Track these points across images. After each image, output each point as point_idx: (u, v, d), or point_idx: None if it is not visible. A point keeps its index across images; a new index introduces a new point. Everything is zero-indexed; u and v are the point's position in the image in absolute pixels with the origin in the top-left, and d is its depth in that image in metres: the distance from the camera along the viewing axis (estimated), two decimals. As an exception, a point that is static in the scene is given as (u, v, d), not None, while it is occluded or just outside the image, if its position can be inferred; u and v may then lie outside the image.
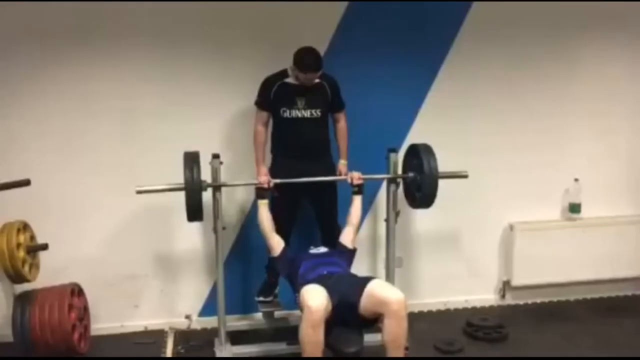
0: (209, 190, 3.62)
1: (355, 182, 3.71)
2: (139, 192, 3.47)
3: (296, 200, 3.86)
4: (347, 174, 3.85)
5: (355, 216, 3.76)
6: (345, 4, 4.08)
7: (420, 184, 3.66)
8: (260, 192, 3.65)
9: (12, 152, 3.90)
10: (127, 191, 3.98)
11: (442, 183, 3.85)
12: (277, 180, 3.65)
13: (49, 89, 3.89)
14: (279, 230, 3.70)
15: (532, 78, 4.41)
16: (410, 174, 3.76)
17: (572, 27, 4.40)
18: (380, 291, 3.16)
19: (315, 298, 3.05)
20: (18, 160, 3.88)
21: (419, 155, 3.66)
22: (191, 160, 3.44)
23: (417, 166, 3.70)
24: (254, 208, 4.11)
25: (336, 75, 3.85)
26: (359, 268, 3.85)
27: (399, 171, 3.87)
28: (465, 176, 3.84)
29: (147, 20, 3.92)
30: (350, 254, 3.71)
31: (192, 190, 3.38)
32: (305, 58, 3.60)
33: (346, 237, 3.72)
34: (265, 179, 3.62)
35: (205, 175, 3.51)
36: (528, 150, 4.46)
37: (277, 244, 3.62)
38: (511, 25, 4.30)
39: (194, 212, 3.42)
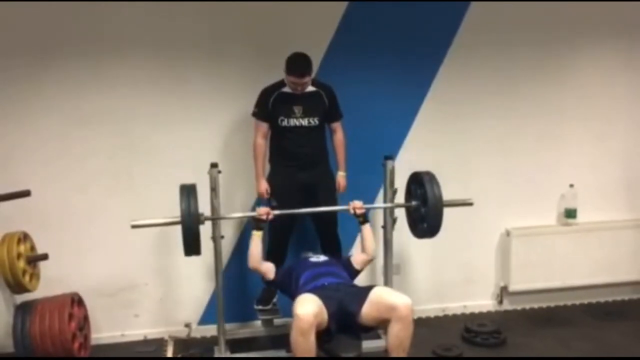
0: (207, 197, 3.64)
1: (358, 212, 3.64)
2: (134, 227, 3.27)
3: (294, 208, 3.86)
4: (345, 188, 3.92)
5: (369, 247, 3.68)
6: (343, 9, 4.11)
7: (425, 213, 3.51)
8: (258, 223, 3.58)
9: (12, 163, 3.92)
10: (126, 200, 4.04)
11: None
12: (277, 212, 3.58)
13: (47, 100, 3.92)
14: (277, 240, 3.72)
15: (528, 83, 4.44)
16: (414, 203, 3.62)
17: (569, 32, 4.44)
18: (387, 297, 3.17)
19: (304, 306, 3.05)
20: (18, 171, 3.90)
21: (423, 184, 3.50)
22: (187, 193, 3.25)
23: (420, 195, 3.55)
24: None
25: (334, 81, 3.88)
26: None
27: (396, 180, 3.89)
28: (470, 204, 3.69)
29: (145, 30, 3.96)
30: (354, 272, 3.69)
31: (189, 224, 3.17)
32: (293, 61, 3.64)
33: (356, 259, 3.70)
34: (264, 210, 3.55)
35: (201, 186, 3.48)
36: (524, 155, 4.50)
37: (268, 269, 3.62)
38: (508, 30, 4.34)
39: (192, 246, 3.23)
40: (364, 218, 3.68)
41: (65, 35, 3.88)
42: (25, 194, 3.63)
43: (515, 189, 4.50)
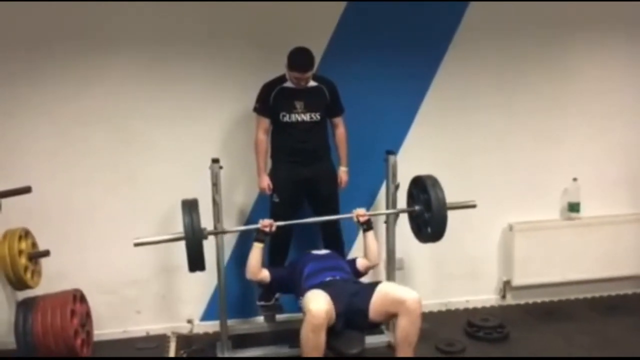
0: (209, 196, 3.63)
1: (361, 219, 3.63)
2: (136, 245, 3.26)
3: (296, 205, 3.86)
4: (347, 183, 3.90)
5: (372, 254, 3.68)
6: (343, 6, 4.09)
7: (429, 218, 3.49)
8: (260, 235, 3.54)
9: (12, 160, 3.90)
10: (127, 196, 4.03)
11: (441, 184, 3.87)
12: (280, 223, 3.55)
13: (47, 97, 3.90)
14: (280, 235, 3.71)
15: (530, 78, 4.42)
16: (417, 207, 3.58)
17: (570, 27, 4.41)
18: (395, 292, 3.19)
19: (317, 302, 3.06)
20: (18, 167, 3.88)
21: (426, 188, 3.47)
22: (190, 208, 3.22)
23: (424, 200, 3.52)
24: (254, 212, 4.13)
25: (334, 77, 3.86)
26: (360, 270, 3.87)
27: (399, 175, 3.87)
28: (474, 206, 3.65)
29: (144, 26, 3.94)
30: (358, 273, 3.68)
31: (193, 240, 3.15)
32: (295, 57, 3.61)
33: (361, 263, 3.70)
34: (268, 221, 3.53)
35: (203, 184, 3.46)
36: (527, 150, 4.48)
37: (264, 275, 3.60)
38: (508, 25, 4.32)
39: (196, 262, 3.20)
40: (367, 225, 3.65)
41: (65, 33, 3.86)
42: (26, 190, 3.61)
43: (518, 183, 4.49)
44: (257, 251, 3.55)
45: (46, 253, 3.70)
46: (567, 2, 4.32)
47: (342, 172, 3.91)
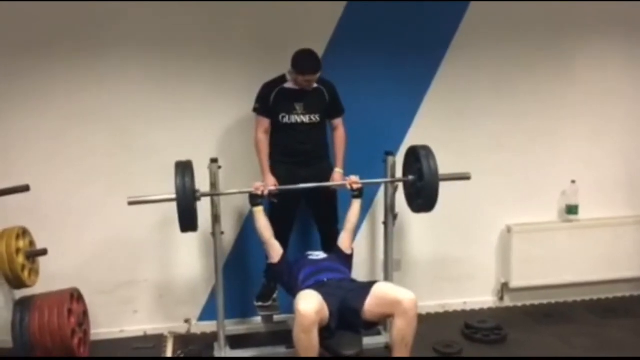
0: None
1: (355, 187, 3.69)
2: (130, 204, 3.36)
3: (295, 206, 3.85)
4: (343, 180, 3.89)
5: (352, 221, 3.74)
6: (343, 6, 4.09)
7: (421, 187, 3.56)
8: (254, 199, 3.61)
9: (11, 158, 3.91)
10: (126, 196, 3.99)
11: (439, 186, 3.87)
12: (272, 187, 3.61)
13: (46, 97, 3.90)
14: (278, 236, 3.70)
15: (529, 80, 4.43)
16: (410, 177, 3.67)
17: (569, 29, 4.42)
18: (391, 292, 3.18)
19: (306, 302, 3.04)
20: (17, 166, 3.89)
21: (419, 158, 3.55)
22: (183, 169, 3.32)
23: (417, 169, 3.59)
24: (252, 211, 4.13)
25: (334, 78, 3.85)
26: (357, 271, 3.87)
27: (397, 174, 3.86)
28: (468, 177, 3.73)
29: (144, 27, 3.94)
30: (348, 258, 3.71)
31: (184, 200, 3.24)
32: (304, 60, 3.60)
33: (343, 242, 3.72)
34: (260, 184, 3.58)
35: (199, 184, 3.48)
36: (525, 152, 4.49)
37: (276, 250, 3.60)
38: (508, 27, 4.33)
39: (187, 222, 3.28)
40: (359, 192, 3.71)
41: (64, 33, 3.86)
42: (25, 189, 3.61)
43: (516, 185, 4.49)
44: (259, 215, 3.61)
45: (44, 252, 3.69)
46: (567, 3, 4.33)
47: (337, 173, 3.87)
